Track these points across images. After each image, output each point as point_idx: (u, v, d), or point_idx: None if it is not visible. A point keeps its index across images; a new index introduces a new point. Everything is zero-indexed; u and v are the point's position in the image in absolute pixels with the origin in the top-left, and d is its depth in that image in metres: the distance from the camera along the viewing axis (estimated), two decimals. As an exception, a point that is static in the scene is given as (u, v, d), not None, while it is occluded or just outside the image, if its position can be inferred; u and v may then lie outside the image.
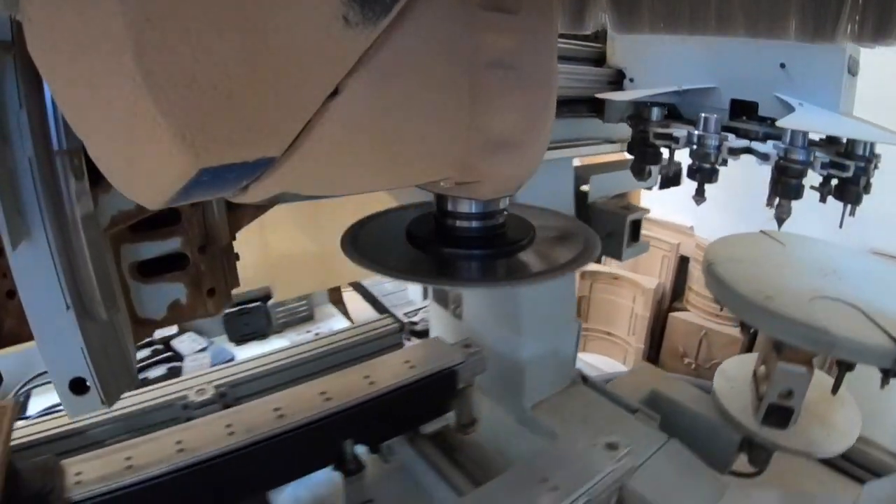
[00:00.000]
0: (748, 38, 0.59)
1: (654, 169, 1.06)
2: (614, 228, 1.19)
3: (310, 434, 0.93)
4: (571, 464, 0.84)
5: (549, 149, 1.06)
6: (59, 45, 0.32)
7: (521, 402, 1.23)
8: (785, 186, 0.83)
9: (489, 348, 1.18)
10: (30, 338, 0.61)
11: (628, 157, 1.11)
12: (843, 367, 1.01)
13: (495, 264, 0.64)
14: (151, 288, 0.73)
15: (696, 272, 2.46)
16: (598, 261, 1.51)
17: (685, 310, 2.53)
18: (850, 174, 0.79)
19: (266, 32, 0.32)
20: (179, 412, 1.14)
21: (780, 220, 0.86)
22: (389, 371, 1.05)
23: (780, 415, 1.12)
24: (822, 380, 1.18)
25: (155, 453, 0.84)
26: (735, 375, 1.29)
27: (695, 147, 0.89)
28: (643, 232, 1.29)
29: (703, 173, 0.90)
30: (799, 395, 1.10)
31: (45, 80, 0.37)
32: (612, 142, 1.19)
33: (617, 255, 1.22)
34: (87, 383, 0.60)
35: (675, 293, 2.66)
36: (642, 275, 2.66)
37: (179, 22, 0.29)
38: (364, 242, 0.67)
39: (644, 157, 1.03)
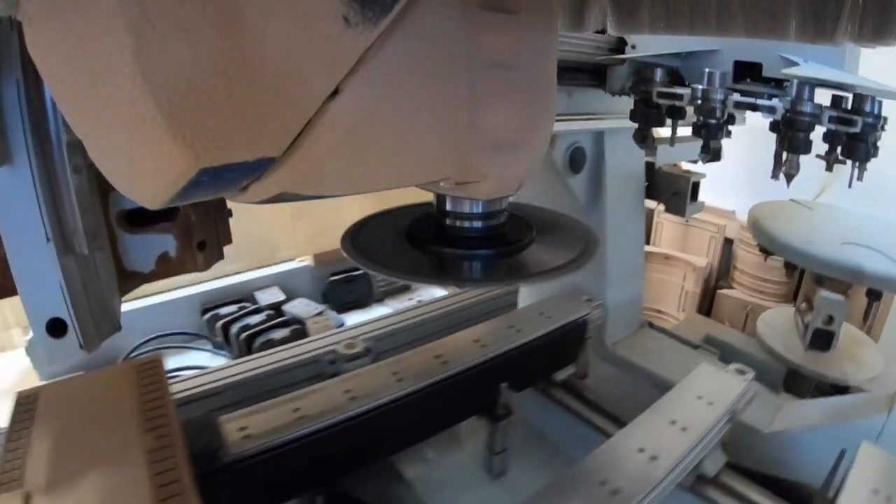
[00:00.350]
0: (748, 38, 0.59)
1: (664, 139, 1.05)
2: (678, 189, 1.37)
3: (470, 379, 0.98)
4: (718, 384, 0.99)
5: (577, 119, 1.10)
6: (58, 45, 0.32)
7: (604, 340, 1.37)
8: (793, 140, 0.82)
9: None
10: (14, 292, 0.58)
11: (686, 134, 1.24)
12: (872, 297, 1.29)
13: (498, 264, 0.64)
14: (139, 239, 0.71)
15: (740, 252, 2.66)
16: (648, 241, 1.66)
17: (731, 287, 2.73)
18: (857, 129, 0.78)
19: (266, 33, 0.32)
20: (326, 367, 1.15)
21: (790, 177, 0.84)
22: (531, 321, 1.15)
23: (823, 338, 1.38)
24: (847, 329, 1.47)
25: (324, 403, 0.86)
26: (774, 322, 1.57)
27: (699, 102, 0.88)
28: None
29: (709, 129, 0.90)
30: (838, 320, 1.37)
31: (44, 80, 0.37)
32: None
33: (681, 212, 1.39)
34: (66, 325, 0.58)
35: (720, 272, 2.89)
36: (691, 255, 2.85)
37: (179, 22, 0.29)
38: (364, 242, 0.67)
39: (648, 119, 1.02)
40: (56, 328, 0.58)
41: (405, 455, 1.04)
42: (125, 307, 1.55)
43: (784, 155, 0.85)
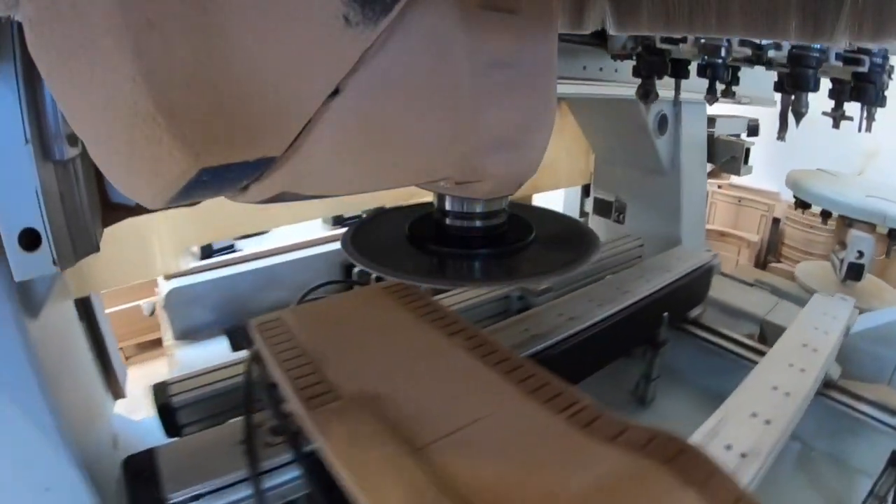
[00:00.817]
0: (748, 37, 0.59)
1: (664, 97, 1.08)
2: (734, 154, 1.72)
3: (648, 308, 1.17)
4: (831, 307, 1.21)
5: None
6: (58, 45, 0.32)
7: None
8: (799, 77, 0.81)
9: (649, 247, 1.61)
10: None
11: (737, 114, 1.74)
12: (893, 237, 1.74)
13: (498, 263, 0.64)
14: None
15: (787, 229, 3.07)
16: None
17: (779, 261, 3.06)
18: (865, 69, 0.78)
19: (266, 32, 0.32)
20: (515, 303, 1.25)
21: (798, 115, 0.83)
22: (671, 267, 1.34)
23: (856, 270, 1.81)
24: (871, 277, 1.91)
25: (546, 324, 1.00)
26: (809, 269, 2.02)
27: (703, 41, 0.87)
28: (740, 195, 2.83)
29: (714, 69, 0.89)
30: (867, 255, 1.78)
31: (45, 81, 0.37)
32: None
33: (737, 172, 1.74)
34: (40, 238, 0.54)
35: (770, 248, 3.22)
36: (743, 231, 3.16)
37: (179, 22, 0.29)
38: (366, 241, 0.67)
39: (651, 67, 1.01)
40: (29, 240, 0.53)
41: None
42: (269, 261, 1.60)
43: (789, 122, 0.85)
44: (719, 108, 1.59)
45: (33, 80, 0.51)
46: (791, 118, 0.86)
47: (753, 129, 1.76)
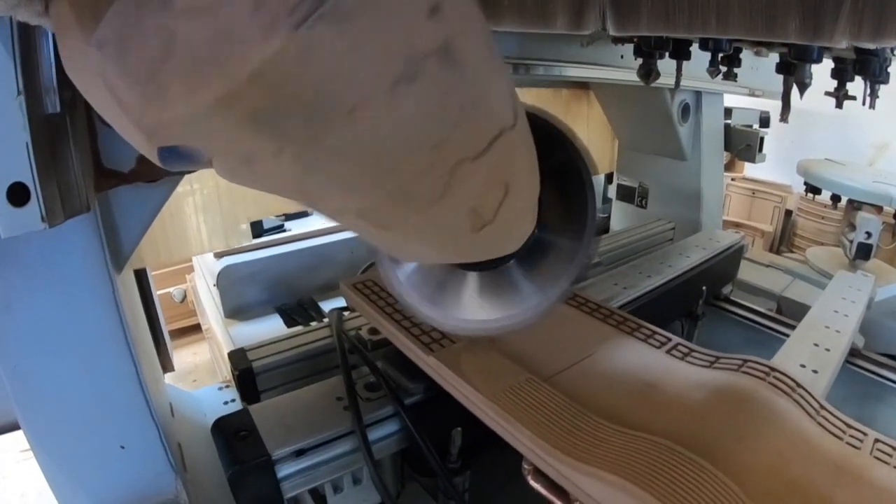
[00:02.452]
0: (747, 38, 0.58)
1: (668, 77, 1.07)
2: (749, 142, 1.82)
3: (689, 282, 1.25)
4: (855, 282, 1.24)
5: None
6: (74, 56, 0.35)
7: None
8: (804, 49, 0.78)
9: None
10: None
11: (752, 106, 1.84)
12: None
13: None
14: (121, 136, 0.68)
15: (800, 220, 3.20)
16: None
17: (791, 252, 3.11)
18: None
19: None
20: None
21: (802, 86, 0.82)
22: (706, 246, 1.43)
23: (865, 250, 1.92)
24: (876, 261, 2.03)
25: (606, 292, 1.10)
26: (817, 254, 2.14)
27: None
28: (754, 188, 3.05)
29: (718, 41, 0.86)
30: (875, 235, 1.89)
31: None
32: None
33: (752, 160, 1.84)
34: (29, 193, 0.52)
35: (782, 239, 3.34)
36: (757, 222, 3.27)
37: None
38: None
39: (649, 40, 1.00)
40: (17, 195, 0.51)
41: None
42: (319, 240, 1.64)
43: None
44: (734, 101, 1.85)
45: (28, 30, 0.49)
46: (793, 106, 0.85)
47: (765, 121, 1.85)
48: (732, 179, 3.38)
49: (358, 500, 0.77)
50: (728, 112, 1.86)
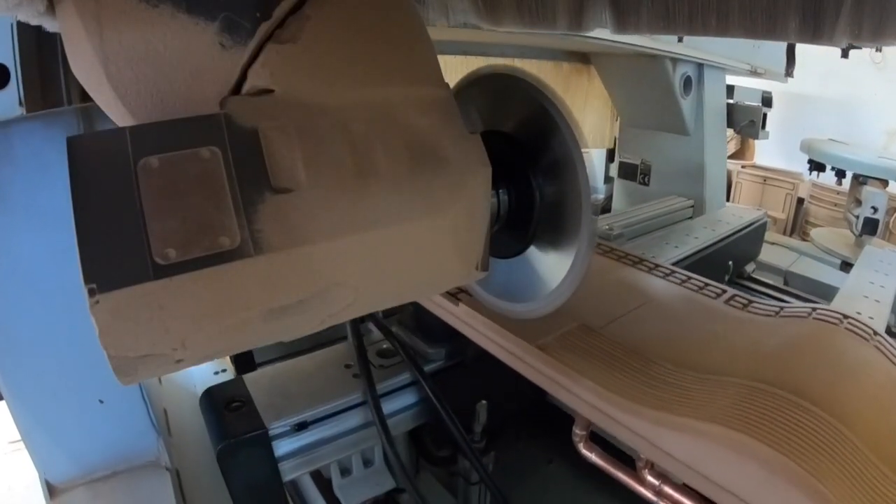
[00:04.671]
0: (747, 38, 0.57)
1: None
2: (753, 118, 1.84)
3: (715, 254, 1.27)
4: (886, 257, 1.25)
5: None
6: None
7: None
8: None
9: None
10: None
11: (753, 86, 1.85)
12: None
13: None
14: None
15: (811, 207, 3.24)
16: (728, 199, 2.16)
17: (803, 239, 3.15)
18: None
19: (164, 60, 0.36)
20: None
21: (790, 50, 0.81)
22: (729, 221, 1.48)
23: (871, 225, 1.91)
24: (880, 242, 1.94)
25: (658, 251, 1.17)
26: (822, 234, 2.16)
27: None
28: (765, 175, 3.14)
29: None
30: (881, 210, 1.91)
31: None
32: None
33: (755, 136, 1.87)
34: (8, 75, 0.49)
35: (794, 226, 3.37)
36: (769, 209, 3.27)
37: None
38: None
39: None
40: None
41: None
42: None
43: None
44: (736, 80, 1.84)
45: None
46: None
47: (767, 101, 1.88)
48: (743, 167, 3.36)
49: (368, 486, 0.68)
50: (730, 90, 1.84)
